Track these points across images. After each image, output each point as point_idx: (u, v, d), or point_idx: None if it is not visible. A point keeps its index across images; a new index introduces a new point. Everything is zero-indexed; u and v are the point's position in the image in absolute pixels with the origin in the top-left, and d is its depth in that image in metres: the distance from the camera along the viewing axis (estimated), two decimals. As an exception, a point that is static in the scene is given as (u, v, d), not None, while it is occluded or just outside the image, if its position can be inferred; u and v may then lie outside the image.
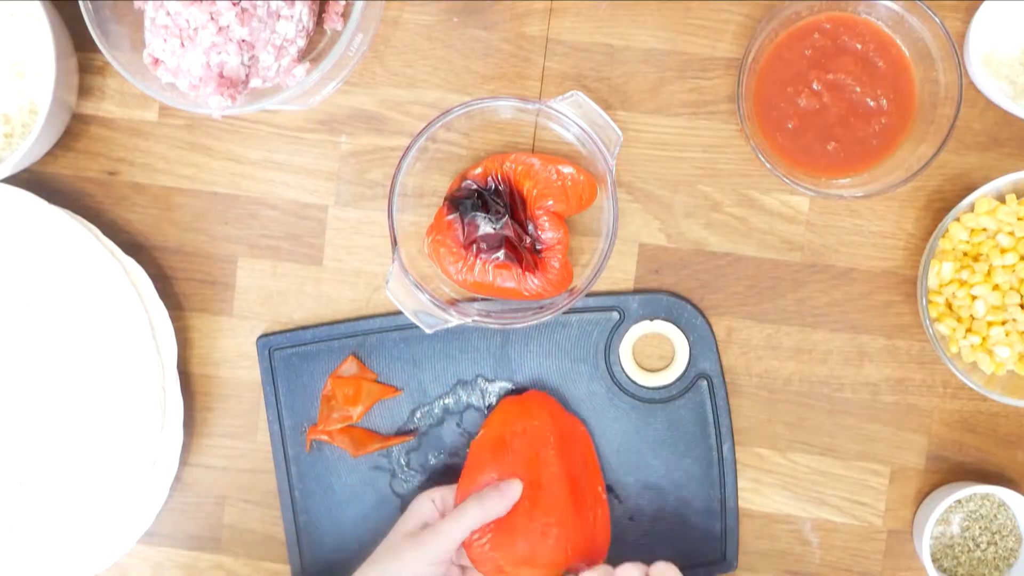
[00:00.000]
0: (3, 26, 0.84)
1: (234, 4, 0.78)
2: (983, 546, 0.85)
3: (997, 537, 0.85)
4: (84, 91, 0.89)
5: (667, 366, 0.88)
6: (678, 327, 0.87)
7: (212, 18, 0.78)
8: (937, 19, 0.78)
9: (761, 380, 0.88)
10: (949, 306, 0.83)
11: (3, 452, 0.86)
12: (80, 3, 0.78)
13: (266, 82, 0.83)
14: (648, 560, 0.78)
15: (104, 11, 0.80)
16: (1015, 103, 0.82)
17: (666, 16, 0.86)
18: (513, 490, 0.81)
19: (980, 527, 0.85)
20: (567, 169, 0.83)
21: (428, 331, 0.82)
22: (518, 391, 0.88)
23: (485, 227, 0.83)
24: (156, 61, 0.81)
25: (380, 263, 0.89)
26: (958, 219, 0.82)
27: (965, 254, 0.82)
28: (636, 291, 0.88)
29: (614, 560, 0.79)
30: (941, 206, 0.86)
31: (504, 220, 0.82)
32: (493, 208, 0.83)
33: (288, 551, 0.89)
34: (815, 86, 0.81)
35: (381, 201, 0.88)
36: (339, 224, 0.89)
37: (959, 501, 0.85)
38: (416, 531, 0.81)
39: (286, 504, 0.89)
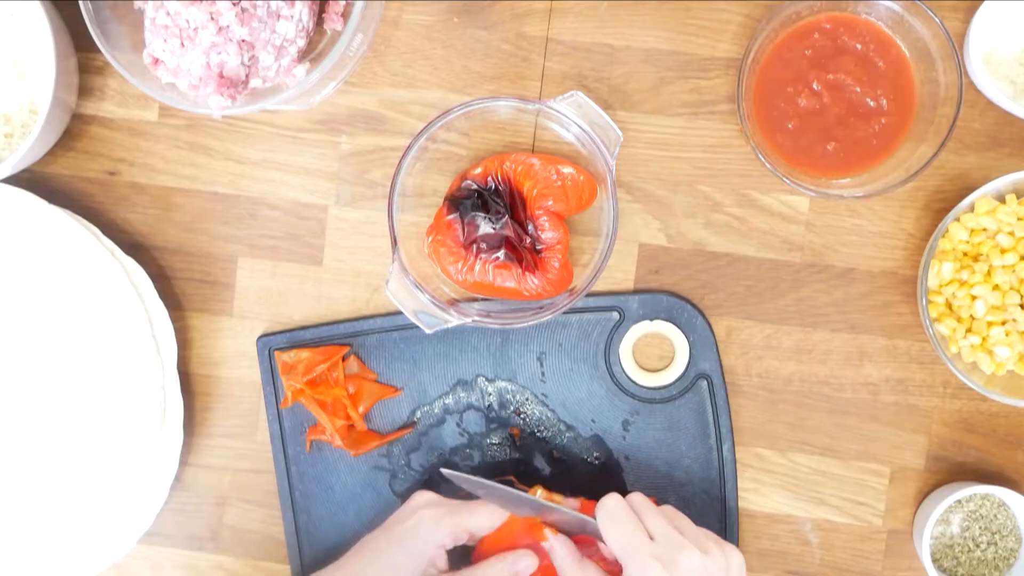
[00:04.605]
0: (3, 26, 0.84)
1: (234, 4, 0.78)
2: (983, 546, 0.85)
3: (997, 537, 0.85)
4: (84, 91, 0.89)
5: (667, 366, 0.88)
6: (678, 327, 0.87)
7: (212, 18, 0.78)
8: (937, 19, 0.78)
9: (761, 380, 0.88)
10: (949, 306, 0.83)
11: (3, 452, 0.86)
12: (80, 3, 0.78)
13: (266, 82, 0.83)
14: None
15: (104, 11, 0.80)
16: (1015, 103, 0.82)
17: (666, 16, 0.86)
18: (523, 563, 0.79)
19: (980, 527, 0.85)
20: (567, 169, 0.83)
21: (428, 331, 0.82)
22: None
23: (485, 227, 0.83)
24: (156, 61, 0.81)
25: (380, 263, 0.89)
26: (958, 219, 0.82)
27: (965, 254, 0.82)
28: (636, 291, 0.88)
29: None
30: (941, 206, 0.86)
31: (504, 220, 0.82)
32: (493, 208, 0.83)
33: (288, 551, 0.89)
34: (815, 86, 0.81)
35: (381, 201, 0.88)
36: (339, 224, 0.89)
37: (959, 501, 0.85)
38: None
39: (286, 504, 0.89)
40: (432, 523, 0.80)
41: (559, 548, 0.78)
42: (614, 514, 0.76)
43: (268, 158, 0.89)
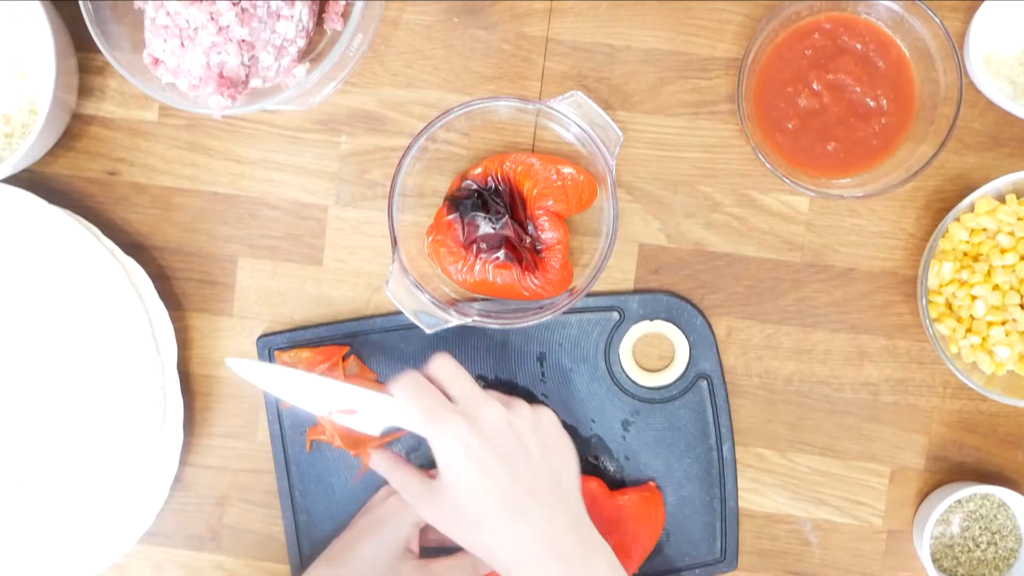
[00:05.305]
0: (3, 26, 0.84)
1: (234, 4, 0.78)
2: (983, 546, 0.85)
3: (997, 537, 0.85)
4: (84, 91, 0.89)
5: (667, 366, 0.88)
6: (678, 327, 0.87)
7: (212, 18, 0.78)
8: (937, 19, 0.78)
9: (761, 380, 0.88)
10: (949, 306, 0.83)
11: (3, 452, 0.86)
12: (80, 3, 0.78)
13: (266, 82, 0.83)
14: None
15: (104, 11, 0.80)
16: (1015, 103, 0.82)
17: (666, 16, 0.86)
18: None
19: (980, 527, 0.85)
20: (567, 169, 0.83)
21: (428, 331, 0.82)
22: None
23: (485, 227, 0.83)
24: (156, 61, 0.81)
25: (380, 263, 0.89)
26: (958, 219, 0.82)
27: (965, 254, 0.83)
28: (636, 291, 0.88)
29: None
30: (941, 206, 0.86)
31: (504, 220, 0.82)
32: (493, 208, 0.83)
33: (288, 551, 0.89)
34: (815, 86, 0.81)
35: (381, 201, 0.88)
36: (339, 224, 0.89)
37: (959, 501, 0.85)
38: (399, 560, 0.81)
39: (286, 504, 0.89)
40: (400, 506, 0.83)
41: (376, 456, 0.81)
42: (406, 383, 0.75)
43: (268, 158, 0.89)
